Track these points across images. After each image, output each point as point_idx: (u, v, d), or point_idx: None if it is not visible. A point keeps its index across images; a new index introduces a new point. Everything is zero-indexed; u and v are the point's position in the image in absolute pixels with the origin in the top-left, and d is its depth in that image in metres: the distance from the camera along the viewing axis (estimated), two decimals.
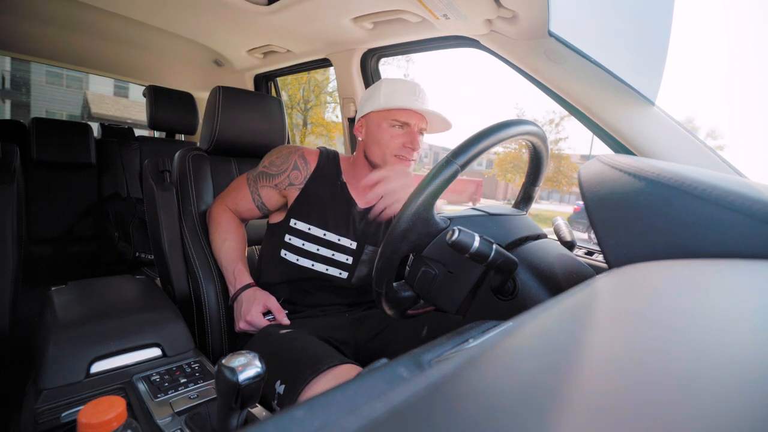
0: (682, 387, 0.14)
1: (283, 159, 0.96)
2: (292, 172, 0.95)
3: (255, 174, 0.98)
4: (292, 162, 0.95)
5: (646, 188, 0.35)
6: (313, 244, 0.94)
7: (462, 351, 0.37)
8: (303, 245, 0.93)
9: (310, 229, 0.94)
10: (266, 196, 0.97)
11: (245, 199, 0.98)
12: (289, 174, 0.95)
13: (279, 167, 0.95)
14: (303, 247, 0.93)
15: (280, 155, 0.97)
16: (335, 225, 0.94)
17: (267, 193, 0.97)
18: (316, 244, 0.94)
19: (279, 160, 0.96)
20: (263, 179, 0.96)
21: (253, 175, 0.98)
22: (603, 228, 0.39)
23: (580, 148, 21.70)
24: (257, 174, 0.97)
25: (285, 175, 0.95)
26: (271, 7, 1.15)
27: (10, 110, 13.93)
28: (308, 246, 0.93)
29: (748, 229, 0.30)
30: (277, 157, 0.96)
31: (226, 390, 0.40)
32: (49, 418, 0.51)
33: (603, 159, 0.42)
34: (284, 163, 0.95)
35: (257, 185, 0.97)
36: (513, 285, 0.55)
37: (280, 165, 0.95)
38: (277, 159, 0.96)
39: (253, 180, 0.97)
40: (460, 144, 0.53)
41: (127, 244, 1.83)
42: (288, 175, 0.95)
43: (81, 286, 0.81)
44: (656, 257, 0.33)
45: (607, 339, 0.19)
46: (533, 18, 0.81)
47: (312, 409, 0.21)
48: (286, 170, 0.95)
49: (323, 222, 0.94)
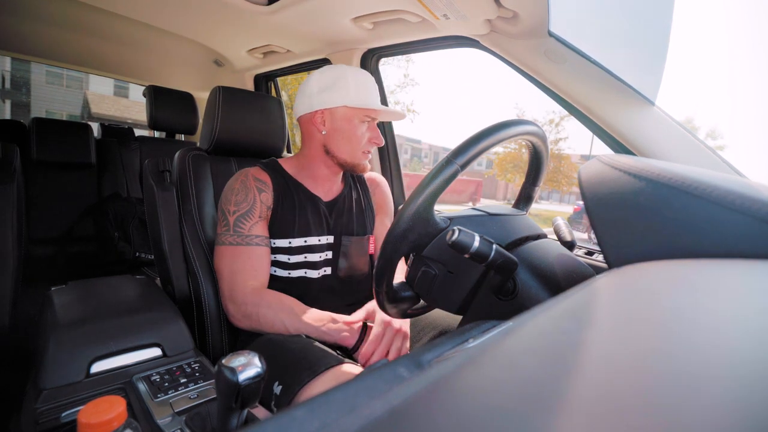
0: (682, 387, 0.14)
1: (243, 191, 0.88)
2: (261, 195, 0.89)
3: (231, 228, 0.86)
4: (253, 188, 0.88)
5: (646, 188, 0.35)
6: (298, 255, 0.91)
7: (462, 351, 0.37)
8: (289, 259, 0.91)
9: (291, 242, 0.91)
10: (260, 230, 0.88)
11: (252, 255, 0.86)
12: (260, 198, 0.89)
13: (247, 200, 0.87)
14: (290, 261, 0.91)
15: (236, 191, 0.88)
16: (311, 227, 0.92)
17: (258, 228, 0.88)
18: (301, 253, 0.92)
19: (240, 195, 0.87)
20: (244, 221, 0.87)
21: (230, 231, 0.86)
22: (603, 228, 0.39)
23: (580, 148, 21.71)
24: (234, 225, 0.86)
25: (258, 201, 0.88)
26: (271, 7, 1.15)
27: (10, 110, 13.93)
28: (294, 258, 0.91)
29: (749, 229, 0.30)
30: (237, 194, 0.88)
31: (226, 390, 0.40)
32: (49, 418, 0.51)
33: (603, 159, 0.42)
34: (248, 193, 0.88)
35: (244, 232, 0.86)
36: (513, 285, 0.55)
37: (245, 197, 0.87)
38: (239, 195, 0.87)
39: (236, 234, 0.86)
40: (460, 144, 0.53)
41: (127, 244, 1.83)
42: (260, 200, 0.88)
43: (81, 286, 0.81)
44: (656, 257, 0.33)
45: (607, 339, 0.19)
46: (533, 18, 0.81)
47: (312, 409, 0.21)
48: (255, 198, 0.88)
49: (301, 230, 0.91)
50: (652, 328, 0.19)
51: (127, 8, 1.36)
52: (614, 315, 0.22)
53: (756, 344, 0.17)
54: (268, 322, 0.82)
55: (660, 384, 0.14)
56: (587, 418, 0.12)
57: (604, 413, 0.12)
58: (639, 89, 0.78)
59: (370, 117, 0.90)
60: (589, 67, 0.79)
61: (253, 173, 0.91)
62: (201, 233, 1.00)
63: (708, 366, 0.15)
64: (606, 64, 0.74)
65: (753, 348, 0.16)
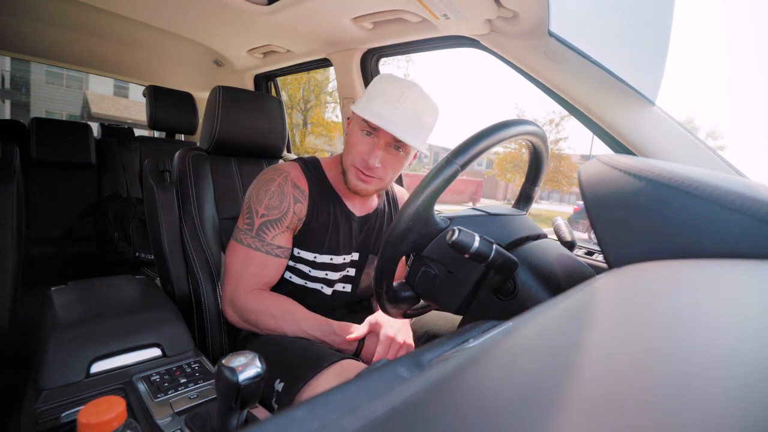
0: (682, 387, 0.14)
1: (279, 196, 0.82)
2: (296, 206, 0.83)
3: (255, 230, 0.81)
4: (289, 195, 0.83)
5: (646, 188, 0.35)
6: (320, 270, 0.87)
7: (462, 351, 0.37)
8: (310, 272, 0.87)
9: (317, 257, 0.86)
10: (284, 241, 0.83)
11: (267, 265, 0.82)
12: (294, 209, 0.83)
13: (280, 207, 0.82)
14: (310, 274, 0.87)
15: (271, 193, 0.82)
16: (340, 247, 0.88)
17: (282, 239, 0.83)
18: (325, 270, 0.87)
19: (275, 199, 0.82)
20: (271, 229, 0.81)
21: (252, 232, 0.81)
22: (603, 228, 0.39)
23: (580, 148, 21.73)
24: (258, 228, 0.81)
25: (290, 212, 0.83)
26: (271, 7, 1.15)
27: (9, 110, 13.93)
28: (315, 273, 0.87)
29: (749, 230, 0.30)
30: (271, 197, 0.82)
31: (226, 390, 0.40)
32: (49, 418, 0.51)
33: (603, 159, 0.42)
34: (283, 201, 0.82)
35: (267, 239, 0.82)
36: (513, 285, 0.55)
37: (279, 204, 0.82)
38: (273, 199, 0.82)
39: (258, 238, 0.81)
40: (460, 144, 0.53)
41: (127, 244, 1.83)
42: (293, 210, 0.83)
43: (81, 286, 0.81)
44: (656, 257, 0.33)
45: (607, 339, 0.19)
46: (533, 18, 0.81)
47: (312, 409, 0.21)
48: (288, 207, 0.82)
49: (330, 248, 0.86)
50: (652, 328, 0.19)
51: (127, 8, 1.36)
52: (614, 315, 0.22)
53: (756, 344, 0.17)
54: (267, 329, 0.80)
55: (660, 384, 0.14)
56: (587, 418, 0.12)
57: (604, 413, 0.12)
58: (639, 89, 0.78)
59: (370, 127, 0.79)
60: (589, 67, 0.79)
61: (294, 178, 0.84)
62: (201, 233, 1.00)
63: (708, 366, 0.15)
64: (606, 64, 0.74)
65: (753, 348, 0.16)
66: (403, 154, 0.82)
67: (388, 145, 0.80)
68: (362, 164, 0.81)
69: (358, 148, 0.81)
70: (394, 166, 0.83)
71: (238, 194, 1.10)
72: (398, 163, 0.83)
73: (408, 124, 0.76)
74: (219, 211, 1.05)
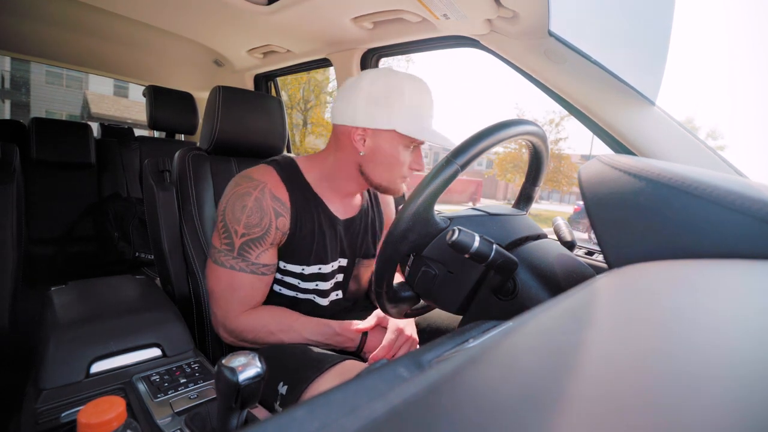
0: (682, 387, 0.14)
1: (258, 212, 0.76)
2: (278, 221, 0.78)
3: (236, 250, 0.76)
4: (269, 210, 0.77)
5: (646, 188, 0.35)
6: (309, 282, 0.85)
7: (462, 351, 0.37)
8: (300, 284, 0.85)
9: (305, 269, 0.83)
10: (269, 259, 0.79)
11: (255, 285, 0.78)
12: (276, 224, 0.78)
13: (261, 225, 0.76)
14: (300, 286, 0.85)
15: (249, 210, 0.75)
16: (328, 255, 0.84)
17: (267, 256, 0.78)
18: (315, 280, 0.85)
19: (254, 217, 0.75)
20: (254, 248, 0.76)
21: (234, 253, 0.76)
22: (603, 228, 0.39)
23: (580, 148, 21.72)
24: (240, 248, 0.76)
25: (273, 228, 0.77)
26: (271, 7, 1.15)
27: (9, 110, 13.94)
28: (305, 285, 0.85)
29: (749, 230, 0.30)
30: (249, 215, 0.75)
31: (226, 390, 0.40)
32: (49, 418, 0.51)
33: (603, 159, 0.42)
34: (263, 217, 0.76)
35: (251, 258, 0.76)
36: (513, 285, 0.55)
37: (260, 222, 0.76)
38: (252, 217, 0.75)
39: (241, 258, 0.76)
40: (460, 144, 0.53)
41: (127, 244, 1.83)
42: (276, 226, 0.77)
43: (81, 286, 0.81)
44: (656, 257, 0.33)
45: (607, 339, 0.19)
46: (533, 18, 0.81)
47: (312, 409, 0.21)
48: (270, 223, 0.77)
49: (317, 257, 0.83)
50: (652, 329, 0.19)
51: (127, 8, 1.36)
52: (614, 315, 0.22)
53: (756, 344, 0.17)
54: (267, 344, 0.79)
55: (660, 384, 0.14)
56: (587, 418, 0.12)
57: (604, 413, 0.12)
58: (639, 89, 0.78)
59: (416, 142, 0.78)
60: (589, 67, 0.79)
61: (272, 188, 0.78)
62: (201, 233, 1.00)
63: (708, 366, 0.15)
64: (606, 64, 0.74)
65: (753, 348, 0.16)
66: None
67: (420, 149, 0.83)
68: (409, 173, 0.82)
69: (404, 164, 0.79)
70: None
71: None
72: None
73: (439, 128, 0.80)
74: None
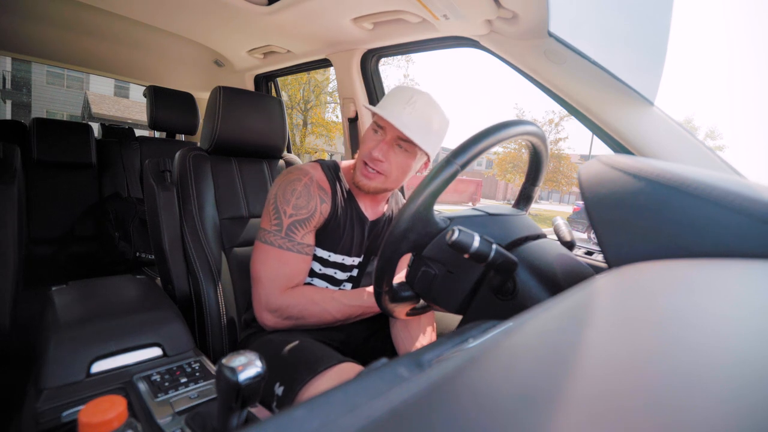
0: (681, 387, 0.14)
1: (306, 196, 0.84)
2: (322, 206, 0.85)
3: (284, 230, 0.82)
4: (315, 197, 0.85)
5: (646, 188, 0.35)
6: (331, 268, 0.90)
7: (462, 351, 0.37)
8: (320, 270, 0.89)
9: (331, 256, 0.89)
10: (311, 240, 0.86)
11: (299, 264, 0.84)
12: (320, 209, 0.85)
13: (308, 207, 0.84)
14: (320, 272, 0.89)
15: (298, 193, 0.84)
16: (353, 248, 0.91)
17: (310, 237, 0.85)
18: (335, 268, 0.90)
19: (302, 199, 0.83)
20: (300, 228, 0.83)
21: (282, 233, 0.82)
22: (603, 228, 0.39)
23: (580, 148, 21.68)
24: (288, 228, 0.82)
25: (317, 212, 0.85)
26: (271, 7, 1.15)
27: (10, 110, 13.95)
28: (326, 270, 0.89)
29: (748, 230, 0.30)
30: (298, 197, 0.83)
31: (227, 390, 0.40)
32: (50, 418, 0.51)
33: (603, 159, 0.42)
34: (310, 201, 0.84)
35: (296, 238, 0.83)
36: (513, 285, 0.55)
37: (306, 204, 0.83)
38: (300, 199, 0.83)
39: (288, 239, 0.82)
40: (460, 144, 0.53)
41: (127, 244, 1.83)
42: (320, 211, 0.85)
43: (81, 286, 0.81)
44: (656, 257, 0.33)
45: (606, 339, 0.19)
46: (533, 18, 0.81)
47: (312, 409, 0.21)
48: (315, 207, 0.84)
49: (344, 248, 0.89)
50: (651, 329, 0.19)
51: (128, 9, 1.36)
52: (614, 315, 0.22)
53: (755, 344, 0.17)
54: (314, 316, 0.82)
55: (659, 384, 0.14)
56: (587, 417, 0.12)
57: (603, 413, 0.12)
58: (638, 89, 0.78)
59: (377, 124, 0.83)
60: (588, 67, 0.79)
61: (319, 180, 0.86)
62: (201, 233, 1.00)
63: (707, 366, 0.15)
64: (606, 64, 0.74)
65: (752, 348, 0.16)
66: (409, 154, 0.83)
67: (393, 142, 0.82)
68: (368, 157, 0.83)
69: (367, 145, 0.84)
70: (399, 165, 0.84)
71: (239, 194, 1.10)
72: (404, 163, 0.84)
73: (414, 124, 0.78)
74: (219, 211, 1.05)
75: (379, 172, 0.83)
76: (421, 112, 0.80)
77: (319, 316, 0.82)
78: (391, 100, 0.81)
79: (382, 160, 0.82)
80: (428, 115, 0.80)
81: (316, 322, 0.83)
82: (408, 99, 0.80)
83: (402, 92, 0.82)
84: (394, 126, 0.77)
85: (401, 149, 0.82)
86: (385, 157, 0.82)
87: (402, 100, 0.80)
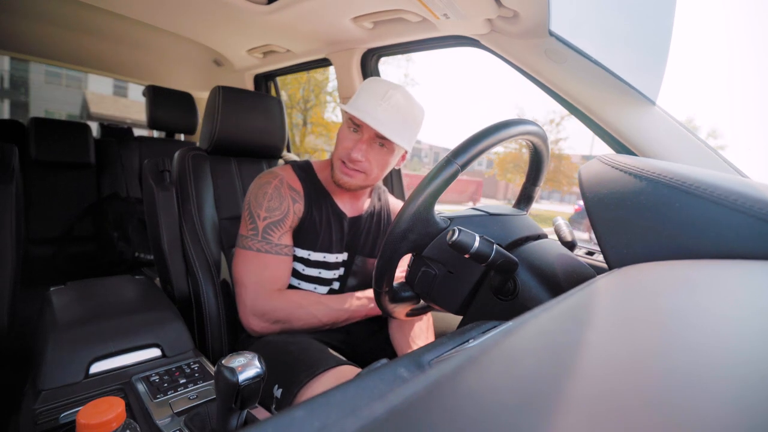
0: (682, 387, 0.13)
1: (278, 197, 0.85)
2: (295, 206, 0.86)
3: (260, 233, 0.83)
4: (287, 197, 0.86)
5: (647, 188, 0.35)
6: (315, 268, 0.90)
7: (462, 351, 0.37)
8: (304, 270, 0.89)
9: (311, 254, 0.89)
10: (288, 240, 0.87)
11: (280, 266, 0.85)
12: (293, 209, 0.86)
13: (281, 209, 0.85)
14: (303, 272, 0.89)
15: (270, 196, 0.85)
16: (332, 245, 0.90)
17: (287, 238, 0.86)
18: (318, 267, 0.90)
19: (274, 201, 0.85)
20: (276, 229, 0.84)
21: (258, 236, 0.83)
22: (603, 228, 0.38)
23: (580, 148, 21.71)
24: (263, 231, 0.84)
25: (291, 212, 0.86)
26: (270, 7, 1.15)
27: (8, 110, 13.93)
28: (309, 271, 0.89)
29: (750, 229, 0.30)
30: (270, 199, 0.85)
31: (226, 390, 0.40)
32: (48, 419, 0.51)
33: (603, 159, 0.42)
34: (282, 202, 0.85)
35: (273, 240, 0.84)
36: (513, 285, 0.55)
37: (279, 206, 0.85)
38: (272, 201, 0.84)
39: (265, 241, 0.83)
40: (460, 144, 0.53)
41: (126, 245, 1.83)
42: (293, 211, 0.86)
43: (80, 286, 0.81)
44: (657, 257, 0.33)
45: (607, 339, 0.19)
46: (534, 17, 0.81)
47: (312, 409, 0.21)
48: (288, 208, 0.85)
49: (323, 245, 0.89)
50: (652, 329, 0.19)
51: (127, 8, 1.36)
52: (615, 316, 0.22)
53: (756, 344, 0.17)
54: (300, 320, 0.82)
55: (660, 384, 0.14)
56: (587, 418, 0.12)
57: (603, 413, 0.12)
58: (640, 89, 0.78)
59: (354, 123, 0.82)
60: (589, 66, 0.79)
61: (289, 181, 0.87)
62: (201, 233, 1.00)
63: (708, 366, 0.15)
64: (607, 63, 0.74)
65: (753, 348, 0.16)
66: (388, 151, 0.84)
67: (372, 141, 0.82)
68: (347, 157, 0.83)
69: (344, 144, 0.83)
70: (378, 162, 0.84)
71: (238, 194, 1.10)
72: (383, 159, 0.84)
73: (390, 120, 0.79)
74: (219, 211, 1.05)
75: (360, 171, 0.84)
76: (398, 108, 0.79)
77: (305, 320, 0.82)
78: (366, 96, 0.81)
79: (362, 160, 0.82)
80: (404, 109, 0.80)
81: (302, 326, 0.83)
82: (383, 94, 0.79)
83: (376, 86, 0.81)
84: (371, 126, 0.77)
85: (380, 147, 0.83)
86: (365, 157, 0.82)
87: (377, 96, 0.79)
